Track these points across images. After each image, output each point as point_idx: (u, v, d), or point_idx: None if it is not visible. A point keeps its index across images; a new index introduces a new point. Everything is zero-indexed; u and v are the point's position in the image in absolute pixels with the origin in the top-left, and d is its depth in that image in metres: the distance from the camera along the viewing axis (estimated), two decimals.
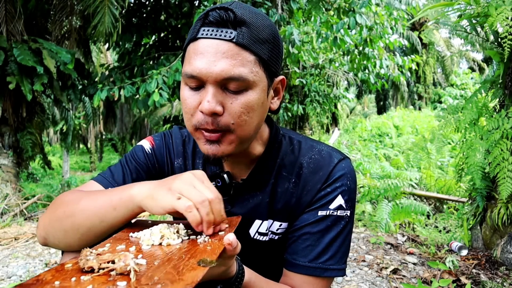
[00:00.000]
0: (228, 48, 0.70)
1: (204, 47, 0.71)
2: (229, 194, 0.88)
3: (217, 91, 0.72)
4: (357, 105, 24.79)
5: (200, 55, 0.71)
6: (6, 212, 4.78)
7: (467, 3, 2.24)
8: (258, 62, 0.73)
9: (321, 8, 5.51)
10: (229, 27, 0.71)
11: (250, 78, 0.72)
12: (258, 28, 0.73)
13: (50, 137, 19.55)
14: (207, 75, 0.70)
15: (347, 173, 0.86)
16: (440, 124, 2.53)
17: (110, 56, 15.63)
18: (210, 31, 0.71)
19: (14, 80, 4.87)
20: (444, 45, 19.36)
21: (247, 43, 0.71)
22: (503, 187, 2.07)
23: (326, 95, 9.43)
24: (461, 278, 2.13)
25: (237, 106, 0.73)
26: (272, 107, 0.83)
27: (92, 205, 0.74)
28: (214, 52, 0.70)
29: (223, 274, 0.69)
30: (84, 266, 0.53)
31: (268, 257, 0.94)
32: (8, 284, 2.30)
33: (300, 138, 0.92)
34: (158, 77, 4.74)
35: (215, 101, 0.71)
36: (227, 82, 0.71)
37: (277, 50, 0.78)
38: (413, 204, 4.08)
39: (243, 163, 0.89)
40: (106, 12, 4.74)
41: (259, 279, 0.79)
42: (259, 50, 0.73)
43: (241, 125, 0.74)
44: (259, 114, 0.77)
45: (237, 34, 0.70)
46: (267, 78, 0.76)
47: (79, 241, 0.76)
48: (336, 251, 0.84)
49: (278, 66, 0.80)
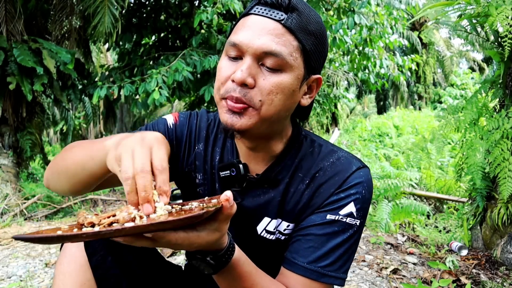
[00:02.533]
0: (275, 27, 0.72)
1: (253, 22, 0.74)
2: (242, 186, 0.88)
3: (253, 64, 0.73)
4: (357, 105, 24.78)
5: (247, 27, 0.74)
6: (6, 212, 4.77)
7: (467, 3, 2.24)
8: (300, 50, 0.74)
9: (321, 8, 5.51)
10: (281, 10, 0.73)
11: (287, 59, 0.73)
12: (309, 19, 0.75)
13: (50, 137, 19.54)
14: (248, 46, 0.72)
15: (364, 181, 0.84)
16: (440, 124, 2.53)
17: (110, 56, 15.63)
18: (262, 10, 0.74)
19: (14, 80, 4.86)
20: (444, 45, 19.35)
21: (295, 28, 0.73)
22: (504, 187, 2.06)
23: (326, 95, 9.43)
24: (461, 278, 2.13)
25: (269, 84, 0.73)
26: (302, 102, 0.82)
27: (78, 153, 0.79)
28: (261, 28, 0.73)
29: (215, 243, 0.66)
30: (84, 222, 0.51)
31: (272, 257, 0.93)
32: (8, 284, 2.30)
33: (321, 142, 0.91)
34: (158, 77, 4.74)
35: (248, 72, 0.72)
36: (265, 57, 0.73)
37: (322, 48, 0.79)
38: (413, 204, 4.08)
39: (261, 159, 0.88)
40: (106, 12, 4.74)
41: (248, 262, 0.76)
42: (304, 38, 0.74)
43: (267, 103, 0.74)
44: (287, 100, 0.76)
45: (287, 18, 0.73)
46: (304, 69, 0.77)
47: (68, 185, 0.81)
48: (338, 258, 0.81)
49: (319, 64, 0.81)
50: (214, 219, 0.62)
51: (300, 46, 0.74)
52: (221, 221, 0.62)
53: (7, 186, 5.50)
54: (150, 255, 0.95)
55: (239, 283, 0.74)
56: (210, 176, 0.92)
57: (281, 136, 0.87)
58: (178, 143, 0.93)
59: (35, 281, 2.30)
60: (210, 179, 0.92)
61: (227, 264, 0.70)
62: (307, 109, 0.90)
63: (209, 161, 0.92)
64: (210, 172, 0.92)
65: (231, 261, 0.71)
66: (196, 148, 0.93)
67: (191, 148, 0.93)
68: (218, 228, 0.63)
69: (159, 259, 0.97)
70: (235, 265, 0.72)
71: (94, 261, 0.80)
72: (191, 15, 6.18)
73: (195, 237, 0.60)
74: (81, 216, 0.53)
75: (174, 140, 0.92)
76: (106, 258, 0.82)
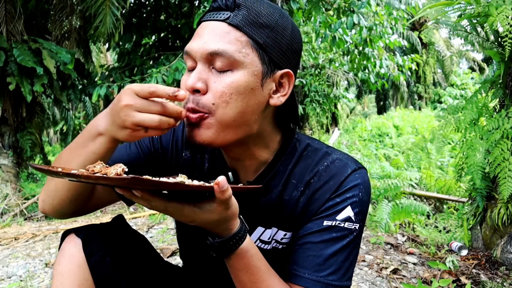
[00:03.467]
0: (221, 27, 0.72)
1: (201, 28, 0.75)
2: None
3: (204, 69, 0.72)
4: (357, 105, 24.79)
5: (197, 35, 0.75)
6: (6, 212, 4.78)
7: (467, 3, 2.24)
8: (251, 45, 0.72)
9: (321, 8, 5.51)
10: (227, 10, 0.72)
11: (235, 57, 0.70)
12: (258, 13, 0.72)
13: (50, 137, 19.53)
14: (196, 52, 0.72)
15: (361, 184, 0.80)
16: (440, 124, 2.53)
17: (110, 56, 15.62)
18: (210, 15, 0.75)
19: (14, 81, 4.86)
20: (444, 45, 19.35)
21: (241, 23, 0.71)
22: (504, 187, 2.06)
23: (326, 95, 9.43)
24: (461, 278, 2.13)
25: (220, 85, 0.71)
26: (273, 102, 0.77)
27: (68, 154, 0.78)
28: (208, 32, 0.73)
29: (220, 226, 0.68)
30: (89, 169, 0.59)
31: (273, 266, 0.92)
32: (8, 284, 2.30)
33: (316, 145, 0.87)
34: (158, 76, 4.74)
35: (197, 77, 0.71)
36: (213, 59, 0.71)
37: (283, 40, 0.74)
38: (413, 204, 4.08)
39: (250, 167, 0.85)
40: (107, 13, 4.74)
41: (259, 257, 0.75)
42: (254, 32, 0.71)
43: (222, 106, 0.71)
44: (247, 101, 0.72)
45: (232, 15, 0.71)
46: (262, 64, 0.73)
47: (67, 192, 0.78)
48: (340, 266, 0.77)
49: (284, 58, 0.76)
50: (212, 200, 0.64)
51: (251, 41, 0.71)
52: (218, 204, 0.64)
53: (7, 186, 5.50)
54: (149, 255, 0.94)
55: (245, 275, 0.73)
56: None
57: (265, 142, 0.83)
58: (164, 151, 0.92)
59: (35, 281, 2.30)
60: None
61: (233, 252, 0.70)
62: (291, 110, 0.84)
63: (198, 168, 0.91)
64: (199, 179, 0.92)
65: (237, 250, 0.70)
66: (184, 154, 0.92)
67: (178, 155, 0.92)
68: (215, 210, 0.65)
69: (158, 259, 0.97)
70: (242, 255, 0.71)
71: (93, 261, 0.80)
72: (191, 15, 6.18)
73: (189, 210, 0.64)
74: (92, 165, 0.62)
75: (159, 148, 0.91)
76: (105, 258, 0.81)
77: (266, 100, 0.76)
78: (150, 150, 0.91)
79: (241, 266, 0.73)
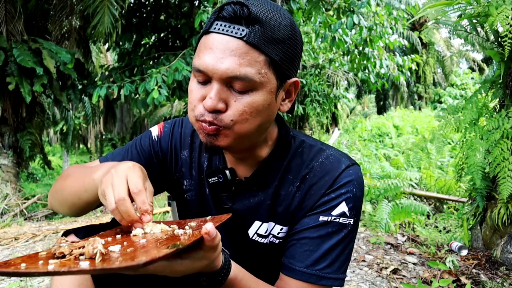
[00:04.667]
0: (238, 46, 0.69)
1: (214, 42, 0.70)
2: (230, 191, 0.88)
3: (222, 88, 0.71)
4: (357, 105, 24.78)
5: (209, 49, 0.71)
6: (6, 212, 4.78)
7: (467, 3, 2.24)
8: (268, 63, 0.71)
9: (321, 8, 5.51)
10: (242, 24, 0.69)
11: (256, 79, 0.70)
12: (273, 28, 0.71)
13: (50, 137, 19.53)
14: (213, 71, 0.70)
15: (354, 179, 0.83)
16: (440, 124, 2.53)
17: (110, 56, 15.63)
18: (222, 26, 0.70)
19: (13, 81, 4.87)
20: (444, 45, 19.36)
21: (258, 42, 0.69)
22: (504, 187, 2.06)
23: (326, 95, 9.44)
24: (461, 278, 2.13)
25: (241, 105, 0.71)
26: (282, 109, 0.81)
27: (73, 184, 0.83)
28: (223, 49, 0.69)
29: (207, 268, 0.67)
30: (56, 252, 0.54)
31: (268, 260, 0.93)
32: (8, 284, 2.30)
33: (311, 142, 0.89)
34: (158, 76, 4.74)
35: (218, 98, 0.71)
36: (232, 81, 0.70)
37: (293, 51, 0.75)
38: (413, 204, 4.08)
39: (249, 164, 0.87)
40: (105, 12, 4.74)
41: (247, 277, 0.77)
42: (270, 51, 0.71)
43: (240, 123, 0.73)
44: (264, 116, 0.75)
45: (249, 32, 0.69)
46: (277, 79, 0.74)
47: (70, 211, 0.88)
48: (335, 259, 0.81)
49: (292, 68, 0.77)
50: (200, 248, 0.62)
51: (268, 59, 0.71)
52: (206, 250, 0.62)
53: (7, 186, 5.51)
54: None
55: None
56: (199, 182, 0.93)
57: (266, 141, 0.86)
58: (164, 154, 0.94)
59: (35, 281, 2.30)
60: (198, 185, 0.93)
61: (223, 284, 0.71)
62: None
63: (197, 167, 0.93)
64: (198, 178, 0.93)
65: (227, 280, 0.71)
66: (182, 155, 0.94)
67: (177, 156, 0.94)
68: (204, 256, 0.63)
69: None
70: (231, 283, 0.73)
71: None
72: (191, 15, 6.19)
73: (177, 265, 0.61)
74: (56, 245, 0.57)
75: (159, 151, 0.94)
76: None
77: (277, 108, 0.80)
78: (151, 153, 0.93)
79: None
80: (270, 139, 0.86)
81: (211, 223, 0.60)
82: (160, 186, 0.95)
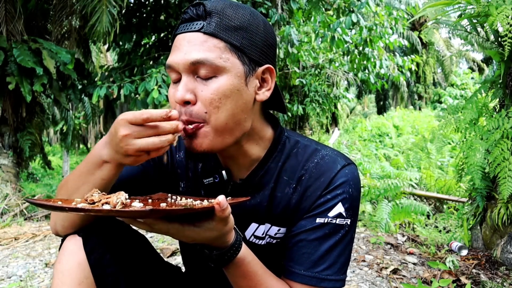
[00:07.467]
0: (196, 37, 0.74)
1: (178, 41, 0.76)
2: (226, 193, 0.87)
3: (189, 80, 0.75)
4: (357, 105, 24.79)
5: (175, 48, 0.77)
6: (6, 212, 4.78)
7: (467, 3, 2.24)
8: (229, 49, 0.74)
9: (321, 8, 5.51)
10: (199, 19, 0.75)
11: (217, 63, 0.73)
12: (230, 16, 0.75)
13: (50, 137, 19.54)
14: (178, 64, 0.74)
15: (350, 180, 0.82)
16: (440, 124, 2.53)
17: (110, 56, 15.63)
18: (183, 27, 0.76)
19: (13, 81, 4.86)
20: (444, 45, 19.36)
21: (216, 30, 0.73)
22: (504, 187, 2.06)
23: (326, 95, 9.43)
24: (461, 278, 2.13)
25: (208, 93, 0.73)
26: (260, 98, 0.80)
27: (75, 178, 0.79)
28: (185, 43, 0.75)
29: (217, 241, 0.71)
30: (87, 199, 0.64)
31: (266, 261, 0.93)
32: (8, 284, 2.30)
33: (306, 142, 0.89)
34: (158, 76, 4.75)
35: (185, 89, 0.74)
36: (196, 69, 0.74)
37: (258, 37, 0.77)
38: (413, 204, 4.08)
39: (243, 164, 0.87)
40: (104, 12, 4.74)
41: (256, 261, 0.78)
42: (229, 37, 0.74)
43: (214, 112, 0.74)
44: (236, 102, 0.75)
45: (206, 24, 0.74)
46: (243, 65, 0.76)
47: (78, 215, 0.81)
48: (335, 261, 0.81)
49: (262, 55, 0.79)
50: (211, 219, 0.67)
51: (228, 45, 0.74)
52: (217, 221, 0.67)
53: (7, 186, 5.50)
54: (149, 254, 0.95)
55: (244, 281, 0.77)
56: (194, 183, 0.93)
57: (255, 138, 0.85)
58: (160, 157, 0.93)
59: (35, 281, 2.30)
60: (194, 186, 0.93)
61: (231, 262, 0.74)
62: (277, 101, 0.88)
63: (192, 168, 0.93)
64: (193, 179, 0.93)
65: (235, 259, 0.74)
66: (177, 156, 0.95)
67: (173, 158, 0.95)
68: (215, 228, 0.68)
69: (157, 259, 0.97)
70: (239, 263, 0.75)
71: (93, 259, 0.80)
72: None
73: (189, 230, 0.67)
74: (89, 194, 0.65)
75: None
76: (105, 256, 0.82)
77: (253, 97, 0.79)
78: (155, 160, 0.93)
79: (239, 273, 0.77)
80: (261, 137, 0.86)
81: (223, 195, 0.65)
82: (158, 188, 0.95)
